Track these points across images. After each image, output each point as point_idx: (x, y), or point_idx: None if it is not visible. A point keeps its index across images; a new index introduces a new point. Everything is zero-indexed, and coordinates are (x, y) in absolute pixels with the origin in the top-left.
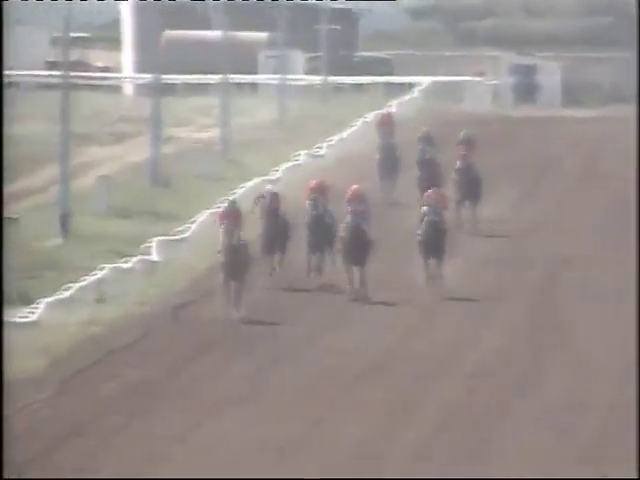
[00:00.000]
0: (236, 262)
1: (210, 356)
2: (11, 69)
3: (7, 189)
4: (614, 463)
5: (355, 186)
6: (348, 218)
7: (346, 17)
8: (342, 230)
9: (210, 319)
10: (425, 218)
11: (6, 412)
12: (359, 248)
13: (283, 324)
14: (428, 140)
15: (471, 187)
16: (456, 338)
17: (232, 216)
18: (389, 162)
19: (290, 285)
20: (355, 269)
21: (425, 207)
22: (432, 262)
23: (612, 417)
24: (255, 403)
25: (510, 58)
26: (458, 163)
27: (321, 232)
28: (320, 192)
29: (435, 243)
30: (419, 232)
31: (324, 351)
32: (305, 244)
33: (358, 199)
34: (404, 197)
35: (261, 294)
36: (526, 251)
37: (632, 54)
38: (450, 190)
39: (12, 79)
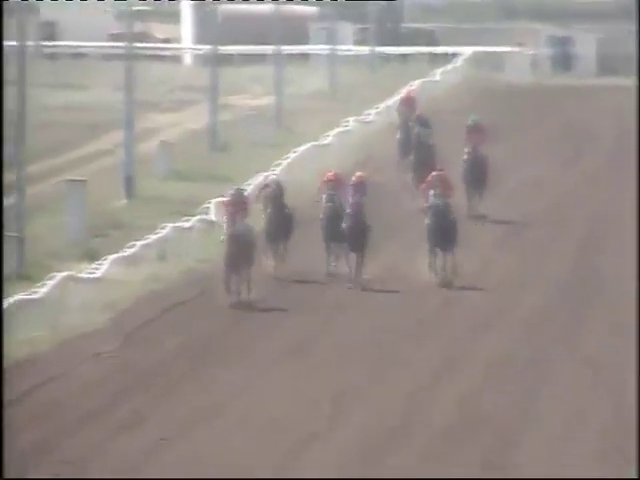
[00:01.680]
0: (240, 249)
1: (266, 313)
2: (77, 40)
3: (75, 153)
4: None
5: (359, 173)
6: (349, 208)
7: None
8: (344, 220)
9: (265, 276)
10: (431, 206)
11: (75, 361)
12: (358, 236)
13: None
14: (423, 122)
15: (479, 174)
16: None
17: (238, 204)
18: (408, 142)
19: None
20: (354, 256)
21: (431, 194)
22: (439, 252)
23: None
24: (307, 358)
25: (548, 30)
26: (467, 151)
27: (337, 225)
28: (336, 185)
29: (442, 232)
30: (427, 221)
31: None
32: (321, 236)
33: (360, 188)
34: None
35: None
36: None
37: None
38: (459, 176)
39: (79, 50)
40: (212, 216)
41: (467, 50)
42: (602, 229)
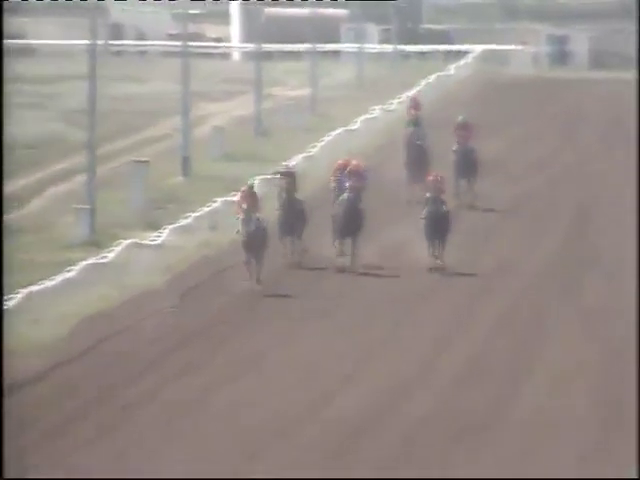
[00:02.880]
0: (255, 241)
1: (297, 280)
2: (140, 39)
3: (138, 137)
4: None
5: (355, 161)
6: (345, 193)
7: None
8: (338, 204)
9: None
10: (427, 205)
11: (138, 317)
12: (352, 221)
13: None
14: (416, 123)
15: (468, 167)
16: None
17: (250, 198)
18: (414, 151)
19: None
20: (347, 241)
21: (427, 194)
22: (436, 243)
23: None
24: (334, 317)
25: (547, 30)
26: (455, 145)
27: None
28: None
29: (438, 227)
30: (422, 217)
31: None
32: (333, 228)
33: (357, 174)
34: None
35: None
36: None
37: None
38: (449, 169)
39: (142, 48)
40: (257, 192)
41: (477, 48)
42: (597, 190)
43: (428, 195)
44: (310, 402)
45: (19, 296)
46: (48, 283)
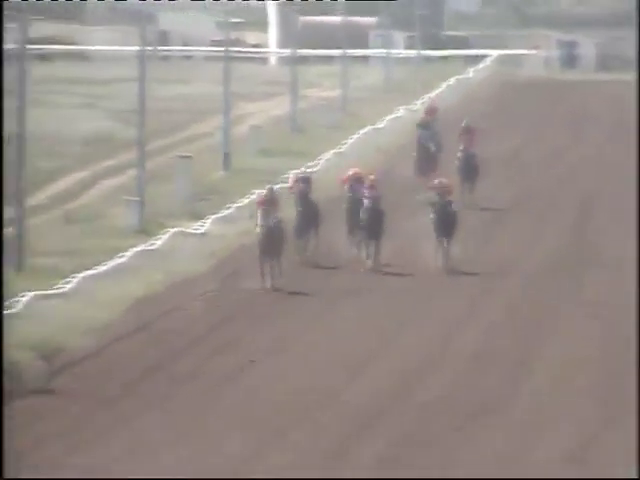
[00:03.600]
0: (272, 240)
1: (325, 270)
2: (186, 45)
3: (183, 135)
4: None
5: (372, 176)
6: (366, 202)
7: (435, 5)
8: (362, 212)
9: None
10: (436, 205)
11: (184, 299)
12: (376, 225)
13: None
14: (424, 126)
15: (470, 171)
16: None
17: (270, 200)
18: (422, 152)
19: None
20: (371, 243)
21: (435, 196)
22: (444, 241)
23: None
24: (359, 301)
25: (557, 36)
26: (460, 150)
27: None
28: (358, 181)
29: (446, 226)
30: (431, 216)
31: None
32: (346, 228)
33: (374, 186)
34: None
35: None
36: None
37: None
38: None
39: (186, 53)
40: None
41: (494, 52)
42: (603, 180)
43: (436, 197)
44: (342, 375)
45: (75, 280)
46: (102, 268)
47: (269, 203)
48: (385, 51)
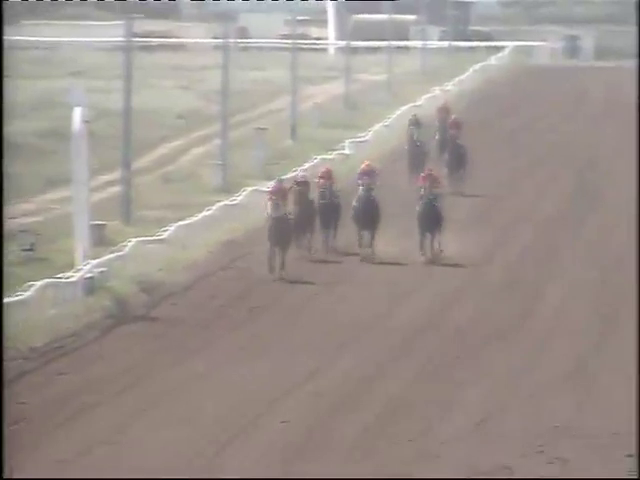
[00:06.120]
0: (281, 231)
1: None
2: (260, 39)
3: (259, 111)
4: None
5: (366, 162)
6: (360, 190)
7: (462, 6)
8: (355, 200)
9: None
10: (422, 199)
11: (259, 244)
12: (369, 215)
13: None
14: (416, 124)
15: (458, 161)
16: None
17: (279, 192)
18: (444, 142)
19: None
20: (365, 233)
21: (421, 190)
22: (427, 235)
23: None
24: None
25: (562, 30)
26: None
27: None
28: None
29: (430, 220)
30: (417, 210)
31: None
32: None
33: (368, 173)
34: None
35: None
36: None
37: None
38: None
39: (261, 45)
40: (347, 151)
41: (510, 44)
42: (601, 139)
43: (422, 191)
44: (376, 313)
45: (171, 228)
46: (193, 219)
47: (279, 195)
48: (422, 43)
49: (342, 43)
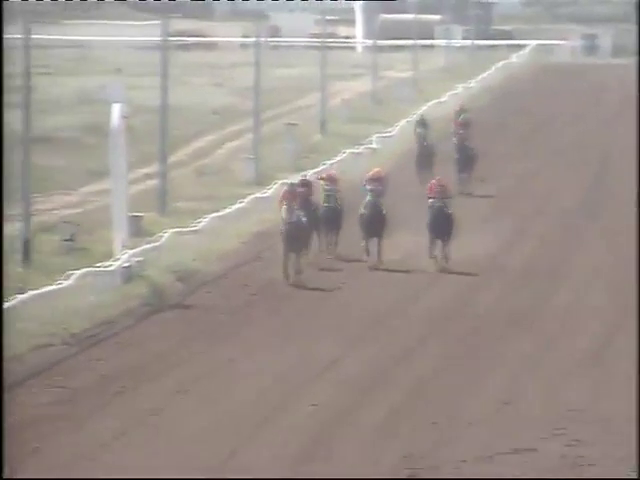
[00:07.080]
0: (295, 235)
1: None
2: (291, 37)
3: (289, 107)
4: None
5: (376, 169)
6: (368, 196)
7: (485, 6)
8: (362, 207)
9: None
10: (431, 206)
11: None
12: (377, 222)
13: None
14: (424, 124)
15: (466, 161)
16: None
17: (293, 196)
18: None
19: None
20: (373, 241)
21: (430, 199)
22: (438, 242)
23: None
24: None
25: (581, 29)
26: (455, 141)
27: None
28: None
29: (440, 227)
30: (427, 217)
31: None
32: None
33: (377, 180)
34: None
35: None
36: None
37: None
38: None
39: (291, 43)
40: (374, 145)
41: (531, 43)
42: (617, 131)
43: (431, 200)
44: (400, 298)
45: (205, 220)
46: (226, 210)
47: (292, 199)
48: (446, 41)
49: (369, 42)
